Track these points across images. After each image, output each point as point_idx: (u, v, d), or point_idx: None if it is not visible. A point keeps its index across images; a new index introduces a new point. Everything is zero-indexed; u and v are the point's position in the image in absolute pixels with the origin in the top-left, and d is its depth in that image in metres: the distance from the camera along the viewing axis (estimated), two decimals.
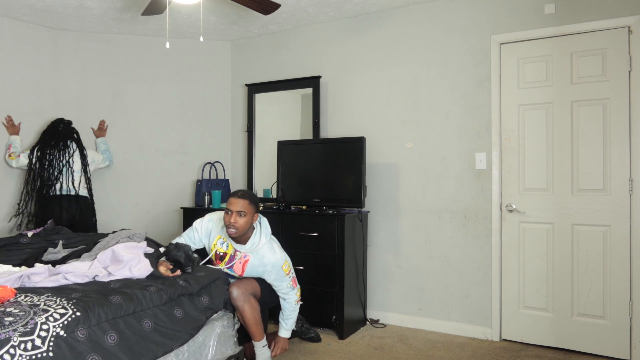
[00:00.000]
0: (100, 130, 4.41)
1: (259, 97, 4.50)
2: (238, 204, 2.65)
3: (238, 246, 2.77)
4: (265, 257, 2.75)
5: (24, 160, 3.92)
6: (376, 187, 3.89)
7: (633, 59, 3.04)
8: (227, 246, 2.81)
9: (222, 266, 2.81)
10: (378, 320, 3.84)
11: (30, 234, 3.04)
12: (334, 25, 4.12)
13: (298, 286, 2.92)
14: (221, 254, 2.82)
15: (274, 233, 3.50)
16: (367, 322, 3.82)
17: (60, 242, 2.88)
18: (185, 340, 2.29)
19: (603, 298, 3.12)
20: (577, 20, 3.18)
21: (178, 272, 2.49)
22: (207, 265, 2.76)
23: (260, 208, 3.83)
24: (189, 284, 2.46)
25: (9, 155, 3.95)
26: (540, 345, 3.31)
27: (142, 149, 4.52)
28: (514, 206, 3.39)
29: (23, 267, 2.48)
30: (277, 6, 3.07)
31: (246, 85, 4.56)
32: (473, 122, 3.53)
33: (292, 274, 2.88)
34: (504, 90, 3.43)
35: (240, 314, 2.72)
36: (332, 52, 4.13)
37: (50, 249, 2.79)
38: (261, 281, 2.85)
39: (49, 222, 3.21)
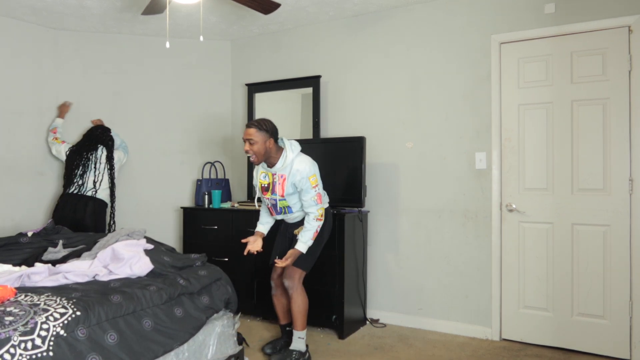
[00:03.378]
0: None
1: (259, 97, 4.49)
2: (246, 133, 2.85)
3: (273, 170, 2.92)
4: (294, 167, 2.87)
5: (65, 149, 4.03)
6: (376, 187, 3.89)
7: (633, 58, 3.04)
8: (267, 177, 2.97)
9: (269, 196, 2.97)
10: (378, 320, 3.84)
11: (30, 233, 3.05)
12: (334, 24, 4.12)
13: (322, 204, 2.94)
14: (265, 185, 2.98)
15: (274, 232, 3.51)
16: (367, 322, 3.82)
17: (61, 241, 2.89)
18: (185, 340, 2.30)
19: (603, 298, 3.12)
20: (577, 20, 3.18)
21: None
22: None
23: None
24: (189, 283, 2.46)
25: (55, 138, 4.05)
26: (540, 345, 3.31)
27: (142, 149, 4.51)
28: (514, 206, 3.39)
29: (23, 267, 2.48)
30: (277, 6, 3.07)
31: (246, 84, 4.56)
32: (473, 122, 3.53)
33: (319, 190, 2.93)
34: (504, 90, 3.43)
35: (291, 302, 2.98)
36: (332, 52, 4.13)
37: (50, 249, 2.79)
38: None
39: (49, 221, 3.21)
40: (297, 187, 2.90)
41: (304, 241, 2.91)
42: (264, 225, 3.18)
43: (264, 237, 3.14)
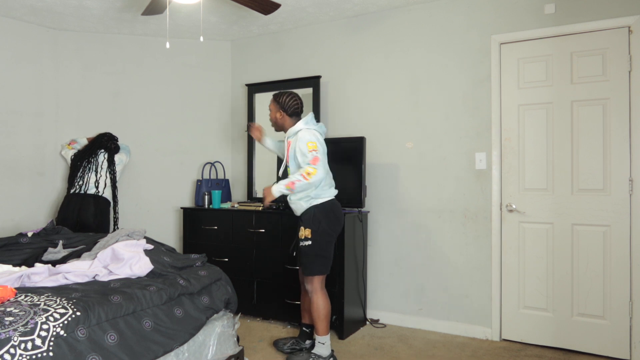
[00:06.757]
0: None
1: (259, 97, 4.49)
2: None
3: (286, 135, 3.10)
4: (299, 135, 2.96)
5: (71, 153, 4.16)
6: (376, 187, 3.89)
7: (633, 59, 3.04)
8: (286, 144, 3.12)
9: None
10: (378, 320, 3.84)
11: (30, 233, 3.05)
12: (334, 25, 4.12)
13: (316, 168, 2.80)
14: (285, 154, 3.14)
15: (274, 232, 3.50)
16: (367, 322, 3.82)
17: (61, 242, 2.89)
18: (185, 340, 2.30)
19: (603, 298, 3.12)
20: (577, 20, 3.18)
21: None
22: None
23: (260, 208, 3.83)
24: (189, 284, 2.46)
25: (68, 143, 4.26)
26: (540, 345, 3.31)
27: (142, 149, 4.52)
28: (514, 206, 3.39)
29: (23, 267, 2.48)
30: (277, 6, 3.07)
31: (246, 85, 4.56)
32: (473, 122, 3.53)
33: (316, 154, 2.83)
34: (504, 90, 3.43)
35: (312, 306, 2.96)
36: (332, 52, 4.13)
37: (50, 249, 2.79)
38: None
39: (49, 222, 3.21)
40: (296, 152, 2.90)
41: (279, 184, 2.88)
42: (273, 141, 3.35)
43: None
